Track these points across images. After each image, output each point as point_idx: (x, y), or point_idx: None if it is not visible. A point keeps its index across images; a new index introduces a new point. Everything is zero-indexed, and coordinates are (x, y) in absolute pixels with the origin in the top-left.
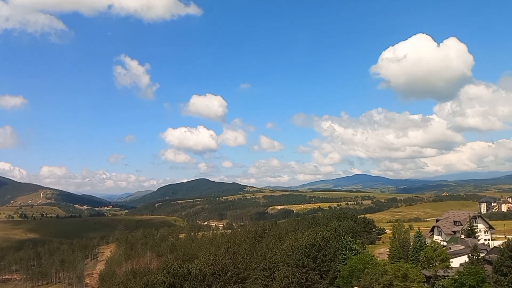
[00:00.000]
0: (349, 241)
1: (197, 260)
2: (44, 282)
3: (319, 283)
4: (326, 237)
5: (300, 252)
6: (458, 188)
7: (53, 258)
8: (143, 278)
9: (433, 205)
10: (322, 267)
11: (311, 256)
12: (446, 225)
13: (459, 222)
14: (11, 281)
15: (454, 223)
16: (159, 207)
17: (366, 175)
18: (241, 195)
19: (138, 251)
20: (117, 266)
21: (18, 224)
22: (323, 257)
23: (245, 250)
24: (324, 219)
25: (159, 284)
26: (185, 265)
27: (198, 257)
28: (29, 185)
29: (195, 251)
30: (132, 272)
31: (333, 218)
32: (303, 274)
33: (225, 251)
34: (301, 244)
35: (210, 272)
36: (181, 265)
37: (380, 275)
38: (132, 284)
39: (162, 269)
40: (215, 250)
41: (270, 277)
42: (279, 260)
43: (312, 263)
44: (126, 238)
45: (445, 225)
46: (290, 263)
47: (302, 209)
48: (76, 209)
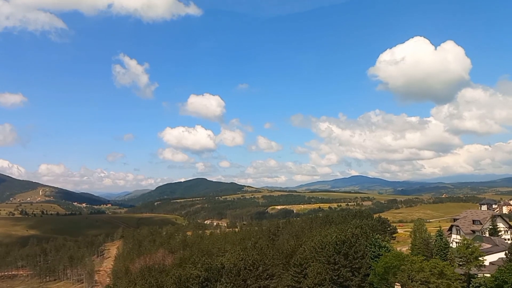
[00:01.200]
0: (378, 238)
1: (227, 255)
2: (52, 279)
3: (350, 280)
4: (356, 234)
5: (331, 248)
6: (456, 191)
7: (59, 254)
8: (170, 273)
9: (433, 207)
10: (353, 264)
11: (342, 253)
12: (465, 224)
13: (478, 221)
14: (18, 277)
15: (473, 222)
16: (158, 206)
17: (363, 176)
18: (240, 195)
19: (148, 248)
20: (130, 263)
21: (19, 221)
22: (354, 254)
23: (267, 246)
24: (339, 217)
25: (193, 278)
26: (218, 260)
27: (213, 254)
28: (28, 182)
29: (210, 247)
30: (147, 269)
31: (349, 216)
32: (335, 271)
33: (252, 246)
34: (331, 240)
35: (243, 267)
36: (213, 260)
37: (417, 272)
38: (150, 280)
39: (192, 264)
40: (242, 246)
41: (301, 274)
42: (309, 257)
43: (343, 260)
44: (132, 235)
45: (464, 224)
46: (321, 259)
47: (302, 209)
48: (75, 207)
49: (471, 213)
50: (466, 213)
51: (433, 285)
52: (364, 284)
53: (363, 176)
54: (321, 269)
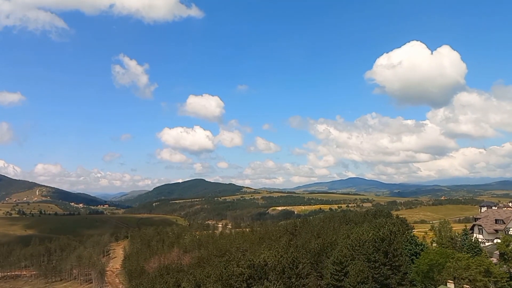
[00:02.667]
0: (413, 236)
1: (267, 252)
2: (58, 279)
3: (390, 278)
4: (394, 231)
5: (370, 246)
6: (452, 193)
7: (65, 254)
8: (189, 272)
9: (433, 209)
10: (393, 262)
11: (381, 250)
12: (487, 224)
13: (501, 221)
14: (21, 277)
15: (496, 222)
16: (157, 207)
17: (360, 178)
18: (239, 196)
19: (159, 248)
20: (145, 262)
21: (17, 220)
22: (394, 251)
23: (295, 245)
24: (358, 216)
25: (236, 276)
26: (261, 257)
27: (232, 253)
28: (24, 182)
29: (227, 247)
30: (165, 268)
31: (369, 215)
32: (375, 268)
33: (287, 244)
34: (369, 238)
35: (286, 264)
36: (254, 256)
37: (464, 269)
38: (168, 279)
39: (234, 261)
40: (276, 244)
41: (342, 272)
42: (348, 255)
43: (383, 257)
44: (139, 235)
45: (486, 224)
46: (360, 257)
47: (303, 210)
48: (72, 207)
49: (493, 212)
50: (488, 212)
51: (480, 283)
52: (404, 282)
53: (360, 178)
54: (363, 266)
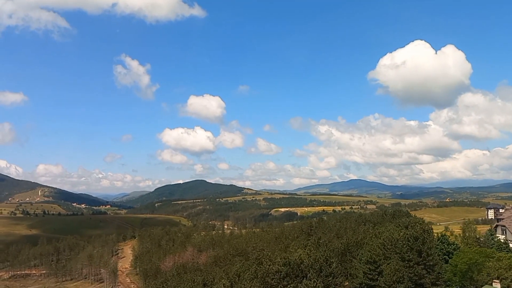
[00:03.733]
0: (445, 235)
1: (299, 250)
2: (68, 278)
3: (425, 277)
4: (426, 229)
5: (404, 245)
6: (455, 195)
7: (74, 253)
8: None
9: (438, 211)
10: (427, 261)
11: (415, 249)
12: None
13: None
14: (31, 277)
15: None
16: (159, 207)
17: (362, 180)
18: (241, 197)
19: (171, 247)
20: (161, 262)
21: (22, 220)
22: (428, 250)
23: (317, 244)
24: (374, 216)
25: (273, 274)
26: (296, 255)
27: (248, 252)
28: (26, 182)
29: (244, 246)
30: (182, 267)
31: (387, 215)
32: (410, 268)
33: (316, 243)
34: (401, 237)
35: (323, 262)
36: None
37: (506, 269)
38: (185, 277)
39: (267, 258)
40: (280, 245)
41: (376, 271)
42: (381, 254)
43: (417, 256)
44: (148, 234)
45: (510, 224)
46: (392, 256)
47: (306, 211)
48: (74, 208)
49: None
50: (511, 212)
51: None
52: (439, 282)
53: (362, 180)
54: (398, 265)
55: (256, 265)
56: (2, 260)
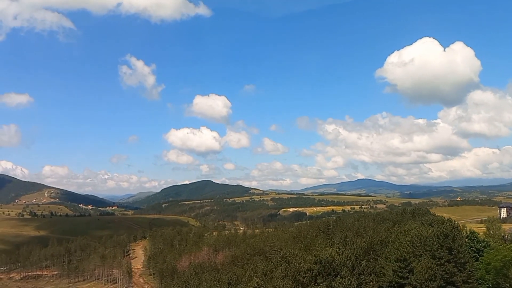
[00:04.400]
0: (474, 232)
1: (329, 248)
2: (81, 279)
3: (456, 275)
4: (456, 227)
5: (435, 243)
6: (465, 194)
7: (86, 254)
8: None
9: (449, 210)
10: (458, 258)
11: (445, 247)
12: None
13: None
14: (42, 277)
15: None
16: (166, 208)
17: (370, 180)
18: (248, 197)
19: (186, 247)
20: (176, 262)
21: (30, 221)
22: (459, 247)
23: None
24: (393, 214)
25: (304, 272)
26: (327, 253)
27: (266, 252)
28: (33, 184)
29: (261, 245)
30: (199, 267)
31: (406, 213)
32: (441, 265)
33: (343, 241)
34: (429, 234)
35: (355, 261)
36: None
37: None
38: (206, 277)
39: (294, 257)
40: (298, 244)
41: (406, 269)
42: (411, 251)
43: (447, 254)
44: (160, 235)
45: None
46: (423, 254)
47: (315, 211)
48: (81, 209)
49: None
50: None
51: None
52: (470, 280)
53: (370, 179)
54: (431, 263)
55: (285, 263)
56: (13, 261)
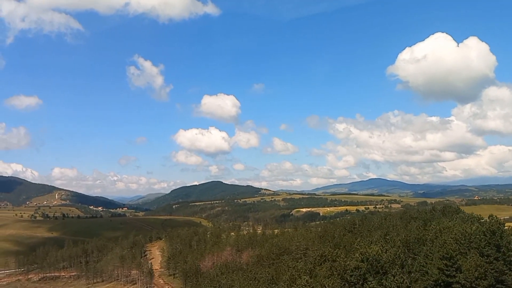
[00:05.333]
0: None
1: (374, 246)
2: (99, 280)
3: (506, 274)
4: (502, 223)
5: (482, 240)
6: (481, 193)
7: (102, 255)
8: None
9: (466, 209)
10: (508, 256)
11: (493, 244)
12: None
13: None
14: (60, 279)
15: None
16: (177, 209)
17: (382, 179)
18: (259, 198)
19: (204, 247)
20: (200, 262)
21: (43, 223)
22: (508, 244)
23: (386, 241)
24: (421, 213)
25: (351, 270)
26: (373, 250)
27: (292, 251)
28: (43, 186)
29: (287, 245)
30: (225, 267)
31: (436, 211)
32: (489, 263)
33: (383, 239)
34: (474, 231)
35: (403, 259)
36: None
37: None
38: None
39: (335, 255)
40: (325, 243)
41: (453, 267)
42: (456, 249)
43: (495, 252)
44: (177, 235)
45: None
46: (469, 251)
47: (328, 212)
48: (92, 210)
49: None
50: None
51: None
52: None
53: (382, 179)
54: (481, 261)
55: (329, 262)
56: (31, 262)
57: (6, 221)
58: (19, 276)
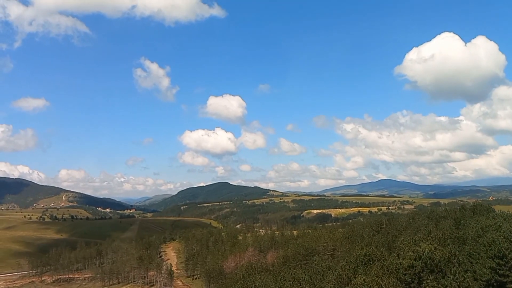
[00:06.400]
0: None
1: (423, 244)
2: (115, 282)
3: None
4: None
5: None
6: (493, 194)
7: (116, 256)
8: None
9: None
10: None
11: None
12: None
13: None
14: (74, 281)
15: None
16: (185, 210)
17: (391, 180)
18: (268, 199)
19: (222, 248)
20: (223, 262)
21: (51, 225)
22: None
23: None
24: (450, 212)
25: (405, 269)
26: (427, 248)
27: (319, 252)
28: (50, 187)
29: (313, 245)
30: (250, 267)
31: (466, 210)
32: None
33: (426, 237)
34: None
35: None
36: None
37: None
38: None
39: (396, 253)
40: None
41: (506, 266)
42: (507, 247)
43: None
44: (192, 236)
45: None
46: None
47: (340, 213)
48: (100, 212)
49: None
50: None
51: None
52: None
53: (392, 179)
54: None
55: (376, 261)
56: (44, 264)
57: (14, 223)
58: (33, 278)
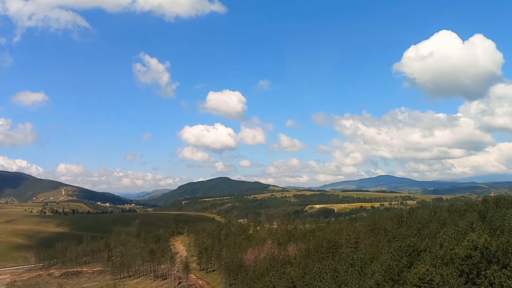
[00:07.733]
0: None
1: (474, 234)
2: (126, 275)
3: None
4: None
5: None
6: (492, 190)
7: (125, 249)
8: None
9: None
10: None
11: None
12: None
13: None
14: (83, 274)
15: None
16: (186, 205)
17: (390, 176)
18: (269, 194)
19: (235, 241)
20: (243, 254)
21: (52, 218)
22: None
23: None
24: (471, 205)
25: (462, 259)
26: (482, 238)
27: (342, 245)
28: (49, 181)
29: (336, 238)
30: (274, 260)
31: (488, 203)
32: None
33: (469, 226)
34: None
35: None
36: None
37: None
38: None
39: (455, 243)
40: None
41: None
42: None
43: None
44: (203, 229)
45: None
46: None
47: (343, 208)
48: (99, 206)
49: None
50: None
51: None
52: None
53: (390, 175)
54: None
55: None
56: (51, 257)
57: (15, 216)
58: (39, 271)
